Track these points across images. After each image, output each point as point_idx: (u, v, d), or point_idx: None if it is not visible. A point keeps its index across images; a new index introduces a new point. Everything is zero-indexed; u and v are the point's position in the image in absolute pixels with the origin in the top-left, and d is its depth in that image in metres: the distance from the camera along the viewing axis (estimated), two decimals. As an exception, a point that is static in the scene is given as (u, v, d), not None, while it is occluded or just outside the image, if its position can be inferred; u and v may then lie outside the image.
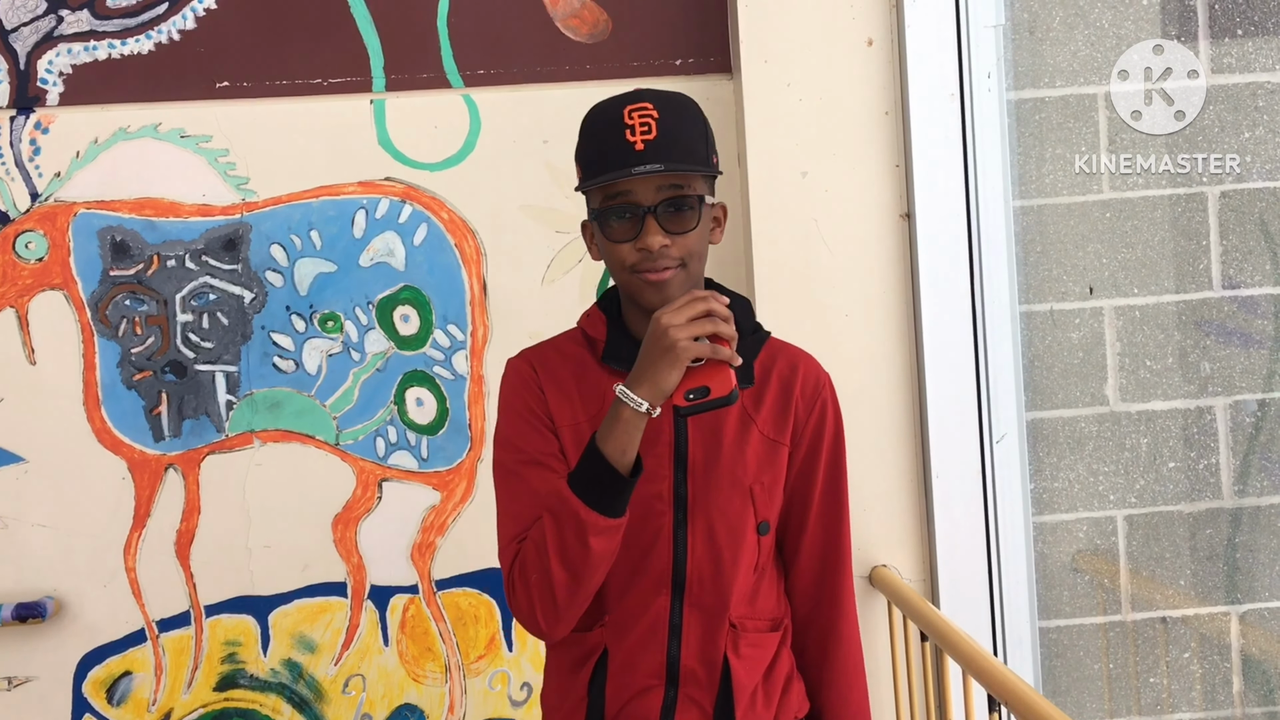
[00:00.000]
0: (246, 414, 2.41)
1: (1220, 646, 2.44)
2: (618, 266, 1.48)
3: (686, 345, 1.34)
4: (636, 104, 1.45)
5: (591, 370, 1.55)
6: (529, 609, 1.46)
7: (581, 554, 1.40)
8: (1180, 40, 2.42)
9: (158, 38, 2.40)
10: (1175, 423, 2.43)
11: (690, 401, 1.37)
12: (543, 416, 1.53)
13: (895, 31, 2.32)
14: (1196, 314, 2.43)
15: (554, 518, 1.41)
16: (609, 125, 1.46)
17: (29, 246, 2.37)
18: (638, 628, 1.51)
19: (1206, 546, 2.44)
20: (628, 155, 1.43)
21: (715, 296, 1.38)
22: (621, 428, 1.38)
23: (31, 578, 2.38)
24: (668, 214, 1.45)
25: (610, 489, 1.39)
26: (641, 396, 1.36)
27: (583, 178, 1.50)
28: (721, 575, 1.52)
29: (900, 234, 2.33)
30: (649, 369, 1.36)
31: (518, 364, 1.59)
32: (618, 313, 1.58)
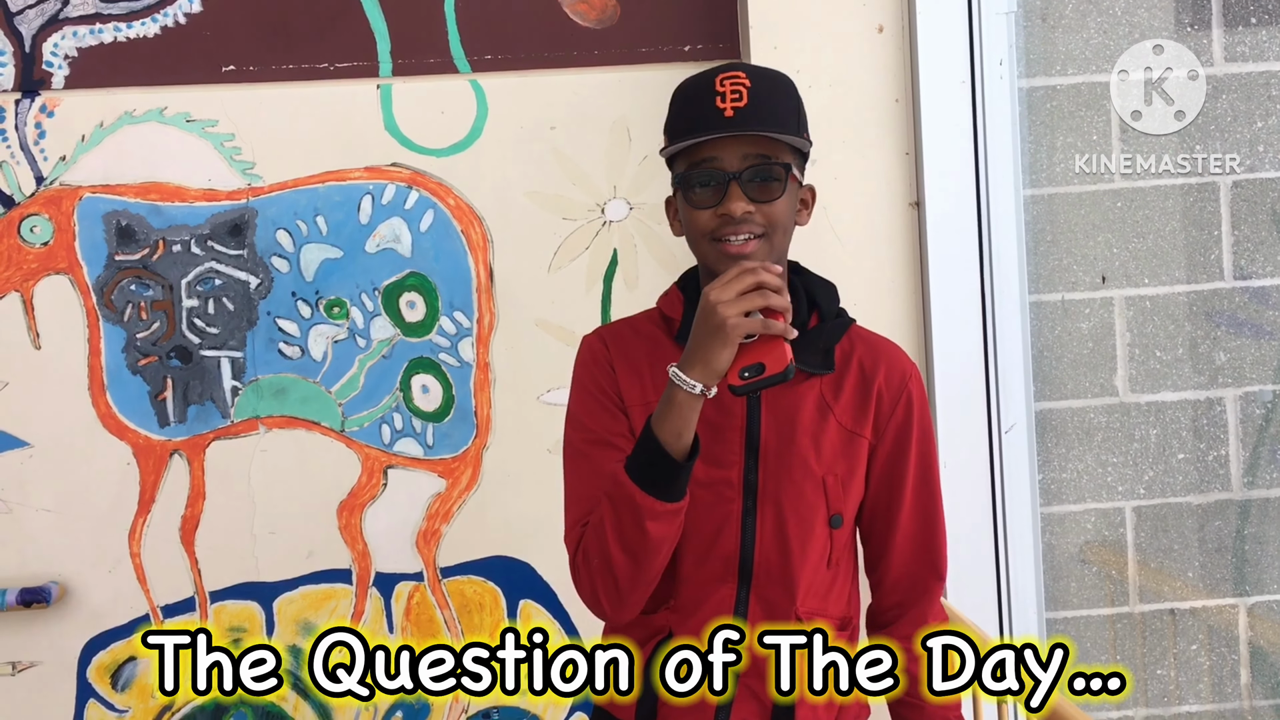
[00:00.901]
0: (252, 400, 2.40)
1: (1229, 639, 2.43)
2: (698, 234, 1.45)
3: (737, 322, 1.30)
4: (729, 73, 1.44)
5: (666, 349, 1.52)
6: (592, 592, 1.45)
7: (639, 538, 1.38)
8: (1193, 29, 2.40)
9: (164, 21, 2.38)
10: (1185, 414, 2.42)
11: (745, 380, 1.32)
12: (611, 394, 1.51)
13: (906, 18, 2.30)
14: (1207, 304, 2.42)
15: (611, 502, 1.39)
16: (700, 92, 1.44)
17: (34, 230, 2.36)
18: (701, 613, 1.49)
19: (1215, 538, 2.43)
20: (717, 120, 1.41)
21: (766, 267, 1.34)
22: (676, 410, 1.35)
23: (36, 563, 2.38)
24: (753, 182, 1.42)
25: (666, 473, 1.36)
26: (694, 378, 1.33)
27: (669, 143, 1.48)
28: (789, 566, 1.49)
29: (910, 222, 2.32)
30: (700, 349, 1.33)
31: (591, 340, 1.57)
32: (695, 292, 1.53)
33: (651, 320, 1.58)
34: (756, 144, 1.42)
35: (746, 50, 2.34)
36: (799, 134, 1.47)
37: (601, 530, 1.40)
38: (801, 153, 1.49)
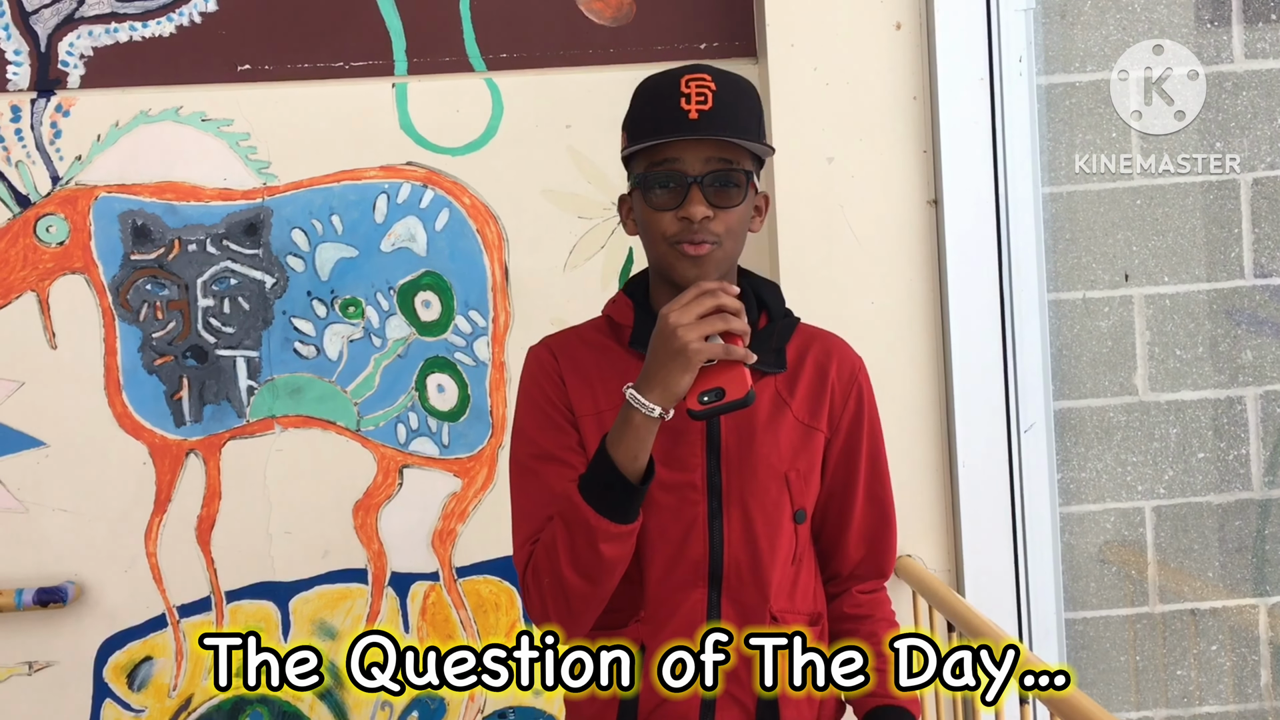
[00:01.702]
0: (267, 399, 2.40)
1: (1249, 639, 2.41)
2: (656, 237, 1.43)
3: (699, 347, 1.29)
4: (695, 75, 1.42)
5: (617, 357, 1.51)
6: (542, 611, 1.44)
7: (593, 560, 1.37)
8: (1213, 25, 2.39)
9: (179, 20, 2.38)
10: (1205, 413, 2.40)
11: (705, 405, 1.31)
12: (561, 407, 1.49)
13: (924, 15, 2.29)
14: (1228, 303, 2.40)
15: (564, 523, 1.38)
16: (664, 92, 1.42)
17: (50, 230, 2.36)
18: (674, 622, 1.46)
19: (1236, 538, 2.41)
20: (681, 123, 1.39)
21: (725, 289, 1.32)
22: (632, 433, 1.33)
23: (52, 562, 2.38)
24: (713, 187, 1.41)
25: (621, 495, 1.35)
26: (652, 401, 1.31)
27: (629, 143, 1.46)
28: (760, 566, 1.48)
29: (928, 220, 2.31)
30: (659, 372, 1.31)
31: (538, 351, 1.55)
32: (644, 297, 1.54)
33: (599, 329, 1.55)
34: (719, 148, 1.41)
35: (763, 48, 2.33)
36: (760, 140, 1.46)
37: (554, 550, 1.39)
38: (760, 160, 1.48)
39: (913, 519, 2.31)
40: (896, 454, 2.28)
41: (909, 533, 2.31)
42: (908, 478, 2.31)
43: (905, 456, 2.31)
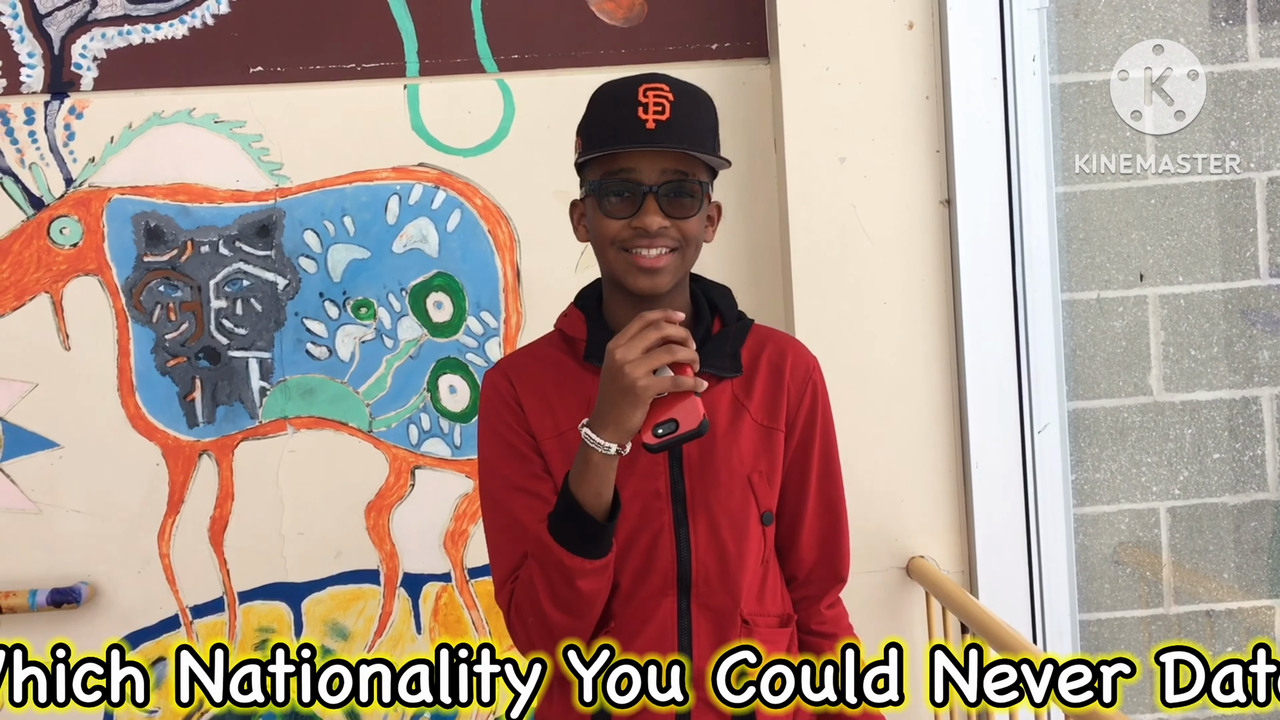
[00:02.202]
0: (280, 400, 2.40)
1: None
2: (607, 243, 1.43)
3: (647, 383, 1.28)
4: (653, 84, 1.42)
5: (572, 373, 1.49)
6: (529, 648, 1.44)
7: (573, 596, 1.37)
8: (1228, 23, 2.37)
9: (191, 22, 2.39)
10: (1220, 413, 2.39)
11: (659, 438, 1.30)
12: (522, 434, 1.48)
13: (937, 14, 2.28)
14: (1243, 302, 2.39)
15: (540, 565, 1.37)
16: (621, 101, 1.41)
17: (63, 232, 2.37)
18: (645, 633, 1.46)
19: (1251, 539, 2.40)
20: (638, 132, 1.38)
21: (669, 317, 1.32)
22: (593, 471, 1.33)
23: (66, 563, 2.38)
24: (668, 197, 1.41)
25: (590, 533, 1.35)
26: (607, 439, 1.31)
27: (584, 149, 1.45)
28: (728, 571, 1.47)
29: (940, 220, 2.30)
30: (611, 409, 1.30)
31: (494, 378, 1.52)
32: (596, 308, 1.53)
33: (553, 344, 1.54)
34: (675, 160, 1.40)
35: (775, 47, 2.32)
36: (715, 152, 1.46)
37: (532, 590, 1.39)
38: (714, 170, 1.48)
39: (926, 520, 2.30)
40: (909, 455, 2.30)
41: (921, 534, 2.31)
42: (920, 479, 2.31)
43: (918, 457, 2.30)
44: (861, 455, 2.29)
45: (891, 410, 2.30)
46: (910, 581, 2.29)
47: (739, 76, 2.42)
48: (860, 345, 2.29)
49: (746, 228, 2.43)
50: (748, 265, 2.43)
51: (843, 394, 2.29)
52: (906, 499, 2.30)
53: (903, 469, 2.30)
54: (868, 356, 2.29)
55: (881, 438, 2.29)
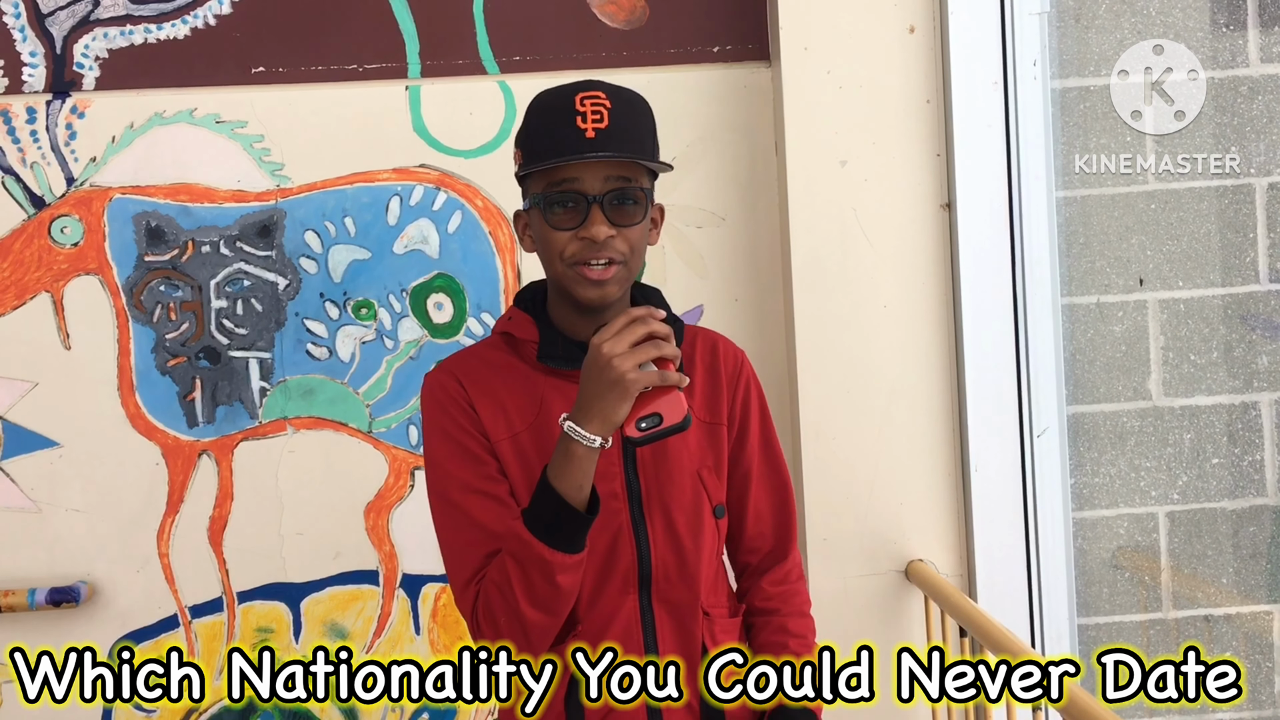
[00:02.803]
0: (280, 401, 2.40)
1: (1263, 645, 2.40)
2: (555, 257, 1.43)
3: (636, 376, 1.29)
4: (589, 92, 1.42)
5: (522, 375, 1.50)
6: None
7: (551, 593, 1.37)
8: (1229, 29, 2.38)
9: (193, 23, 2.39)
10: (1219, 418, 2.39)
11: (643, 431, 1.31)
12: (476, 435, 1.47)
13: (938, 18, 2.28)
14: (1242, 307, 2.39)
15: (516, 561, 1.36)
16: (559, 111, 1.42)
17: (64, 231, 2.37)
18: (610, 632, 1.48)
19: (1250, 544, 2.40)
20: (579, 142, 1.39)
21: (653, 314, 1.33)
22: (575, 464, 1.33)
23: (65, 562, 2.38)
24: (613, 205, 1.41)
25: (571, 527, 1.35)
26: (592, 432, 1.31)
27: (525, 162, 1.45)
28: (686, 566, 1.50)
29: (941, 224, 2.30)
30: (596, 401, 1.31)
31: (442, 380, 1.51)
32: (540, 310, 1.53)
33: (497, 347, 1.54)
34: (617, 167, 1.41)
35: (777, 51, 2.33)
36: (655, 157, 1.47)
37: (508, 589, 1.38)
38: (654, 174, 1.49)
39: (925, 523, 2.31)
40: (908, 458, 2.30)
41: (920, 537, 2.31)
42: (919, 483, 2.31)
43: (917, 461, 2.31)
44: (861, 458, 2.30)
45: (891, 413, 2.30)
46: (909, 585, 2.30)
47: (740, 79, 2.42)
48: (860, 348, 2.30)
49: (747, 231, 2.43)
50: (748, 268, 2.43)
51: (842, 397, 2.30)
52: (906, 502, 2.30)
53: (902, 472, 2.30)
54: (868, 359, 2.30)
55: (880, 441, 2.30)
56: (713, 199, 2.43)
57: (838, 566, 2.29)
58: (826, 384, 2.30)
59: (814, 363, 2.29)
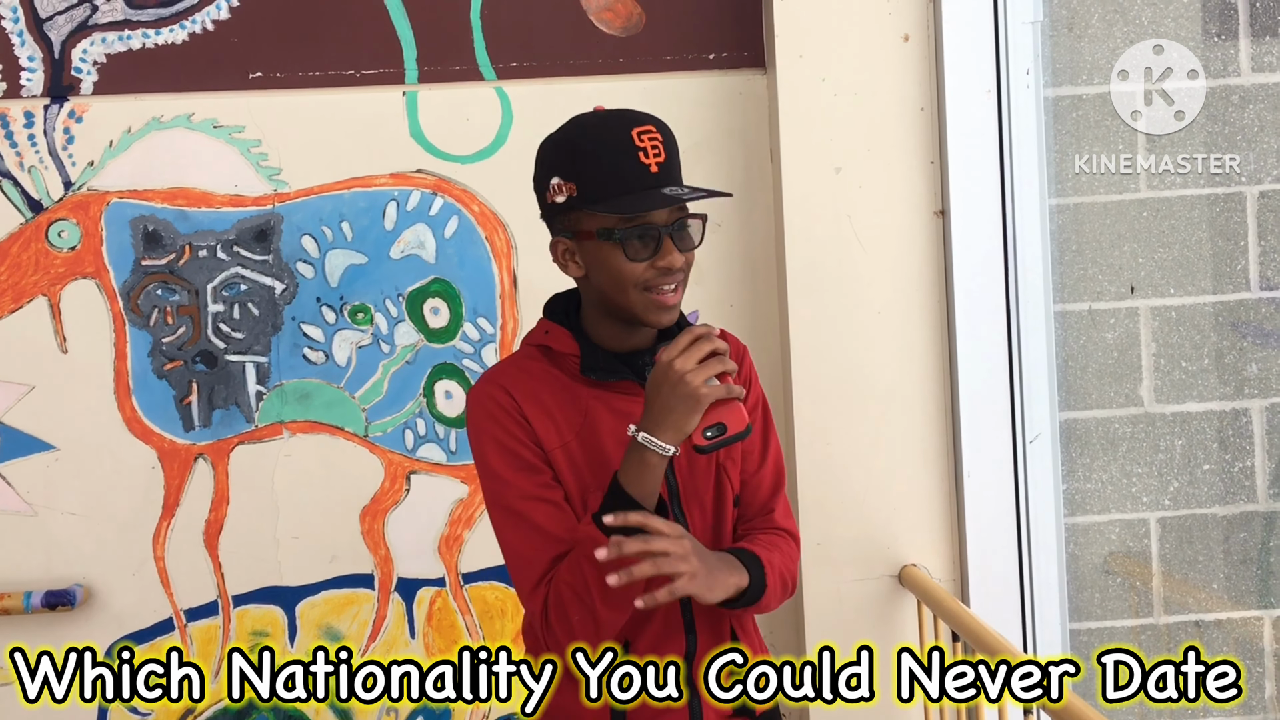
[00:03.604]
0: (276, 405, 2.41)
1: (1254, 651, 2.42)
2: (628, 284, 1.49)
3: (705, 391, 1.40)
4: (643, 126, 1.49)
5: (565, 386, 1.56)
6: (570, 641, 1.50)
7: (625, 591, 1.44)
8: (1220, 39, 2.40)
9: (191, 28, 2.40)
10: (1210, 425, 2.41)
11: (710, 440, 1.42)
12: (531, 446, 1.54)
13: (932, 27, 2.30)
14: (1233, 315, 2.41)
15: (593, 563, 1.43)
16: (619, 147, 1.48)
17: (62, 235, 2.37)
18: (655, 619, 1.56)
19: (1240, 550, 2.41)
20: (645, 177, 1.47)
21: (710, 331, 1.43)
22: (649, 472, 1.44)
23: (61, 565, 2.39)
24: (680, 233, 1.51)
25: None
26: (666, 441, 1.42)
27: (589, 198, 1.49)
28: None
29: (934, 231, 2.32)
30: (669, 415, 1.41)
31: (492, 392, 1.56)
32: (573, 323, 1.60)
33: (534, 358, 1.60)
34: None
35: (772, 58, 2.34)
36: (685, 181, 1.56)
37: (583, 592, 1.45)
38: None
39: (918, 528, 2.32)
40: (901, 464, 2.31)
41: (913, 542, 2.32)
42: (912, 488, 2.32)
43: (910, 466, 2.32)
44: (854, 463, 2.31)
45: (885, 419, 2.32)
46: (902, 589, 2.31)
47: (736, 87, 2.44)
48: (854, 354, 2.31)
49: (743, 236, 2.45)
50: (744, 274, 2.45)
51: (836, 402, 2.31)
52: (899, 507, 2.32)
53: (895, 477, 2.31)
54: (862, 365, 2.31)
55: (874, 446, 2.31)
56: (708, 205, 2.42)
57: (831, 571, 2.30)
58: (821, 389, 2.31)
59: (808, 368, 2.31)
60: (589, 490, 1.53)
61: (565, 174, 1.51)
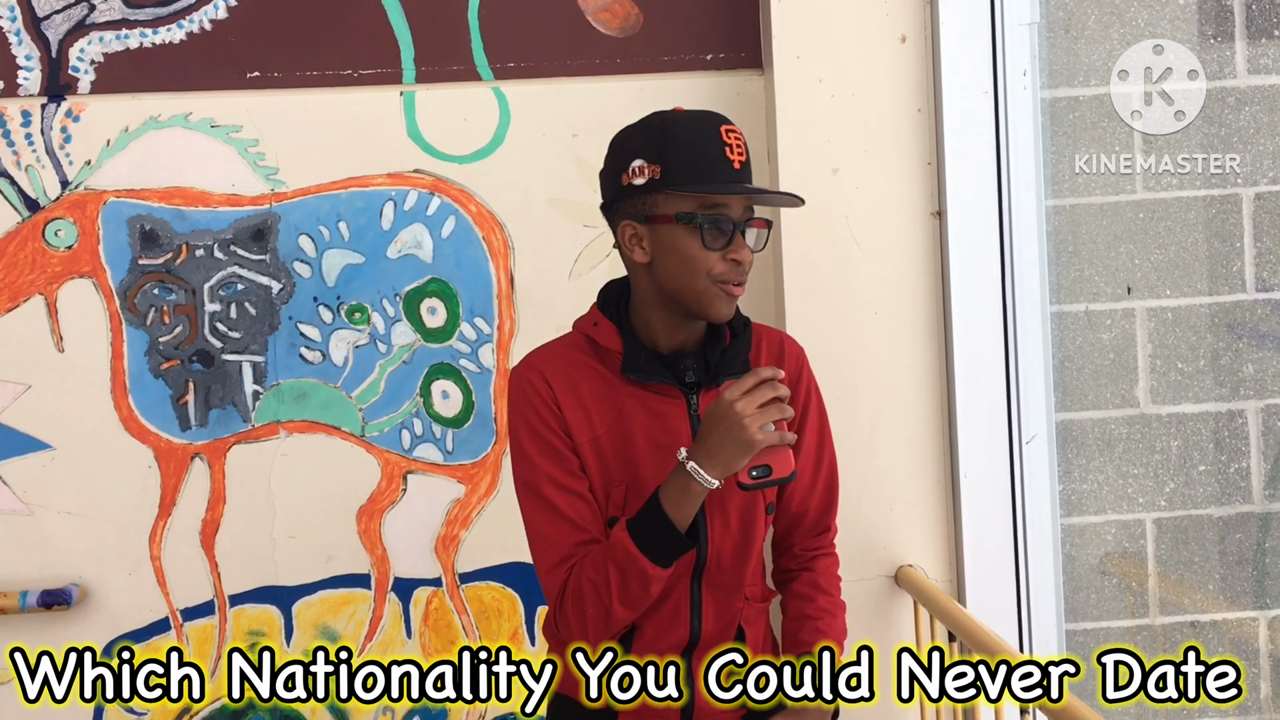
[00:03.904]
0: (273, 404, 2.41)
1: (1249, 651, 2.42)
2: (699, 273, 1.53)
3: (761, 438, 1.43)
4: (729, 126, 1.56)
5: (604, 380, 1.60)
6: (581, 631, 1.56)
7: (642, 596, 1.52)
8: (1216, 40, 2.40)
9: (189, 27, 2.40)
10: (1206, 426, 2.41)
11: (754, 479, 1.46)
12: (561, 434, 1.59)
13: (929, 28, 2.30)
14: (1229, 316, 2.41)
15: (618, 568, 1.50)
16: (709, 139, 1.53)
17: (58, 234, 2.37)
18: (663, 608, 1.61)
19: (1236, 551, 2.42)
20: (728, 171, 1.53)
21: (776, 374, 1.45)
22: (690, 499, 1.48)
23: (57, 565, 2.39)
24: (751, 231, 1.56)
25: (673, 548, 1.50)
26: (712, 476, 1.45)
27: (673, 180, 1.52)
28: (738, 558, 1.64)
29: (931, 232, 2.32)
30: (720, 451, 1.44)
31: (530, 377, 1.61)
32: (621, 316, 1.64)
33: (578, 348, 1.64)
34: (751, 197, 1.57)
35: (769, 59, 2.34)
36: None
37: (604, 590, 1.51)
38: None
39: (913, 530, 2.32)
40: (898, 464, 2.31)
41: (909, 543, 2.32)
42: (909, 488, 2.32)
43: (906, 467, 2.32)
44: (851, 464, 2.30)
45: (881, 419, 2.32)
46: (899, 590, 2.31)
47: (733, 87, 2.44)
48: (851, 354, 2.31)
49: (739, 237, 2.45)
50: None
51: (833, 403, 2.30)
52: (895, 508, 2.32)
53: (892, 478, 2.32)
54: (858, 366, 2.31)
55: (871, 447, 2.31)
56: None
57: (828, 571, 2.30)
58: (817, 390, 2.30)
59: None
60: (613, 484, 1.58)
61: (650, 157, 1.54)
